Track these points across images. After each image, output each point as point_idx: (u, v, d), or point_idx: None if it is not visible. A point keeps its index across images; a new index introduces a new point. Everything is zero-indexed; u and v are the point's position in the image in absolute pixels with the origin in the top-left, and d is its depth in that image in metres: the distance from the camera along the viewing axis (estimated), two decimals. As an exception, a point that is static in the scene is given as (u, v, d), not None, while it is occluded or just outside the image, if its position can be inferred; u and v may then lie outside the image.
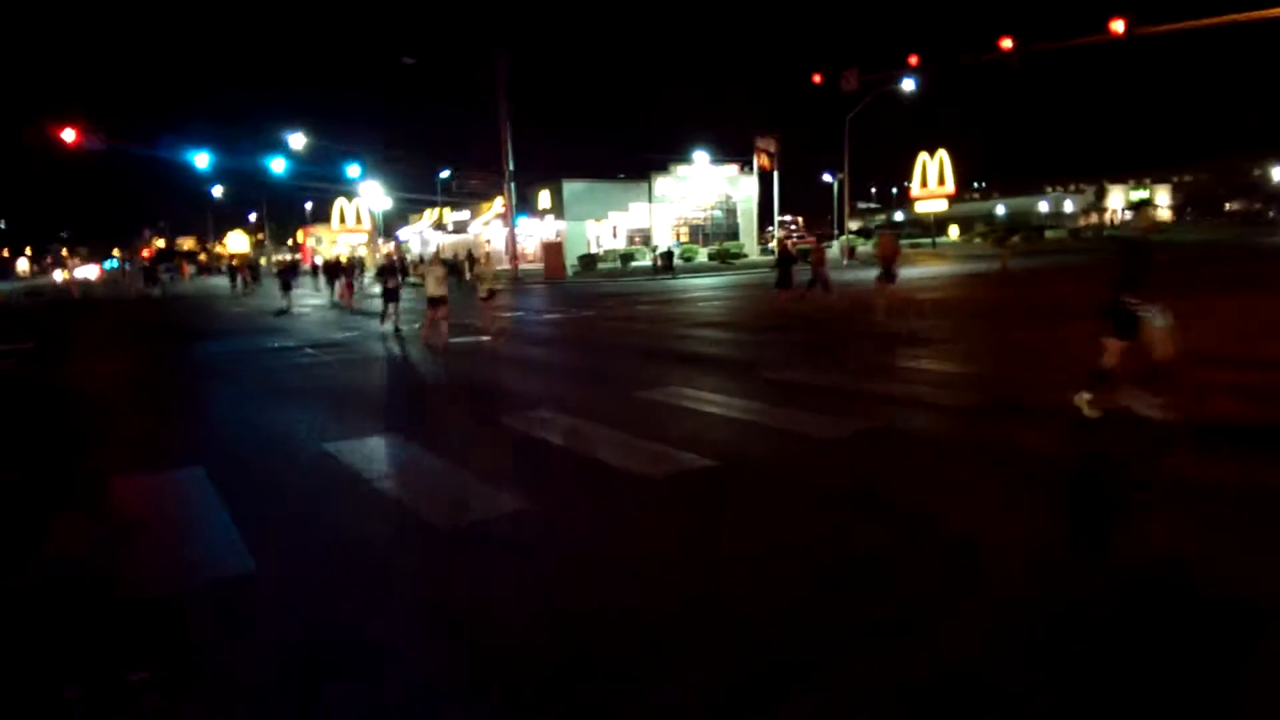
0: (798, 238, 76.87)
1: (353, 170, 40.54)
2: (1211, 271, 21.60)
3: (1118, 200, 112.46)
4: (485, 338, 15.05)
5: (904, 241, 67.69)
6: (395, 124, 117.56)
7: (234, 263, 48.52)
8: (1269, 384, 8.35)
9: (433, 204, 63.09)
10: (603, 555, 4.73)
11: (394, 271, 19.10)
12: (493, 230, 56.40)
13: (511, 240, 41.24)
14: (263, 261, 48.15)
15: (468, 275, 38.67)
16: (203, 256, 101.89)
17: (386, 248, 64.02)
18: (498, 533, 5.12)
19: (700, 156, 57.53)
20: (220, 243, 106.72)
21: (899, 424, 7.42)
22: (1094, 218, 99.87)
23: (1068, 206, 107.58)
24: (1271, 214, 65.41)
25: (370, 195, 57.50)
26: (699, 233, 57.91)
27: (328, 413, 9.49)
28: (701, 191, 58.34)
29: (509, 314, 22.09)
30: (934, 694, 3.15)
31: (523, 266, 44.42)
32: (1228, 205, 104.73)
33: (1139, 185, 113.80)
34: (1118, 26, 22.14)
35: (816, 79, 30.11)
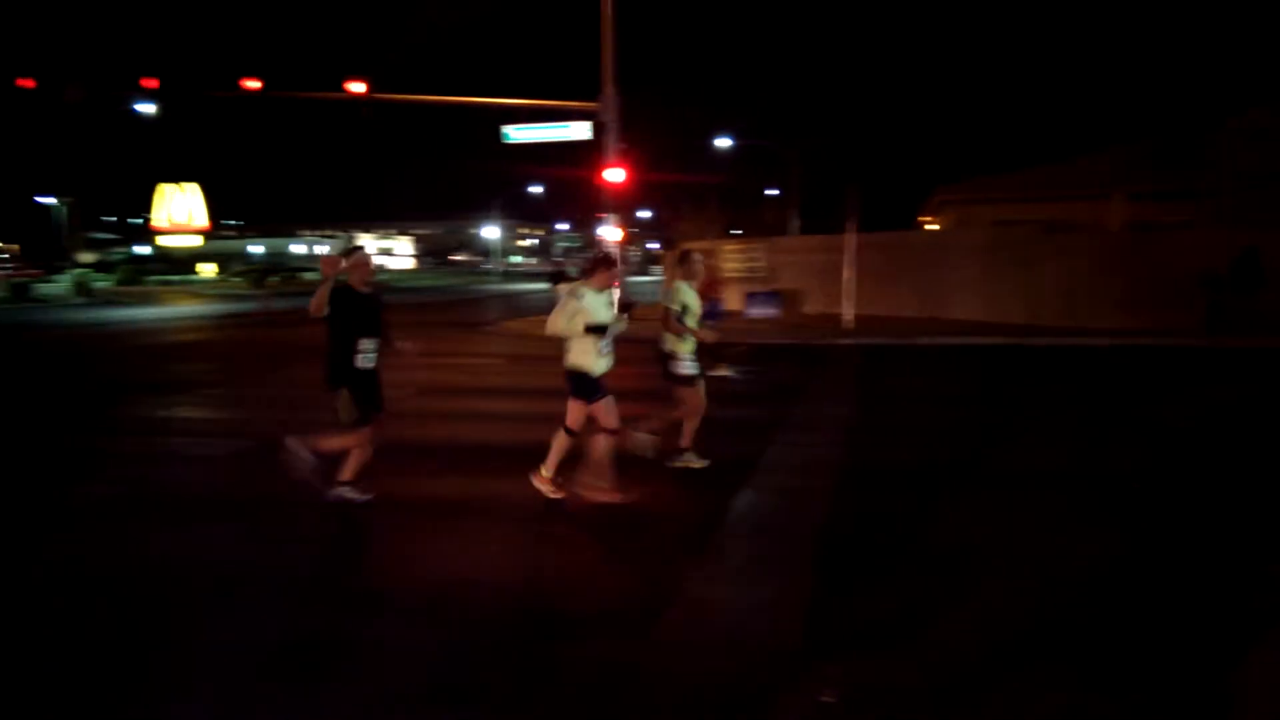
0: (13, 269, 63.21)
1: None
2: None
3: (370, 246, 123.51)
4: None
5: (154, 279, 61.87)
6: None
7: None
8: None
9: None
10: None
11: None
12: None
13: None
14: None
15: None
16: None
17: None
18: None
19: None
20: None
21: (153, 483, 6.54)
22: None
23: (320, 250, 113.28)
24: (489, 265, 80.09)
25: None
26: None
27: None
28: None
29: None
30: None
31: None
32: (457, 255, 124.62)
33: (386, 235, 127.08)
34: (357, 88, 24.10)
35: (29, 84, 25.14)
